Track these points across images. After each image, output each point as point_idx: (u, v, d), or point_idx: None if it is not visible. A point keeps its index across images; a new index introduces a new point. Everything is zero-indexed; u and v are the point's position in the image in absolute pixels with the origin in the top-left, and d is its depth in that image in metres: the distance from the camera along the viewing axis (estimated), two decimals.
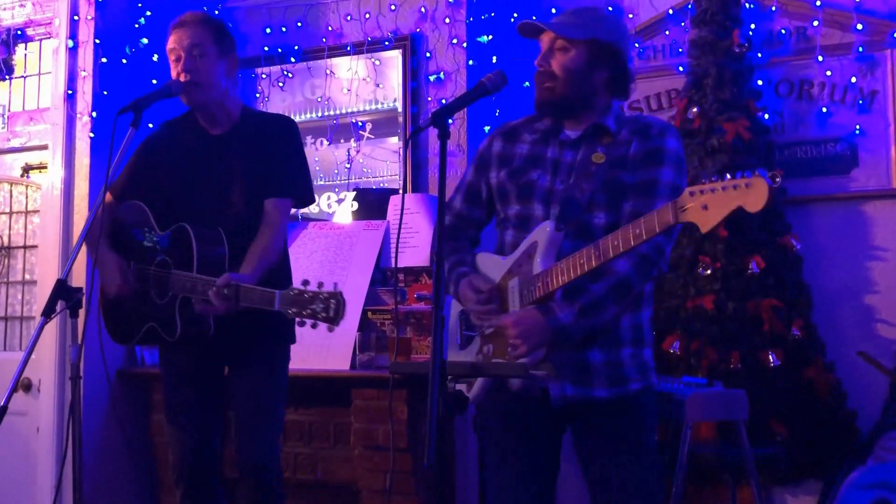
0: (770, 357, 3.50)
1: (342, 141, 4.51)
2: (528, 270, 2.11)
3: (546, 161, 2.24)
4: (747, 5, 3.93)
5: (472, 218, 2.39)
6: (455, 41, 4.20)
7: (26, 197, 4.60)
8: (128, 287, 2.75)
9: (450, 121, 1.96)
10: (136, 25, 4.40)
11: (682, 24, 4.09)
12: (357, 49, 4.42)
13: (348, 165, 4.49)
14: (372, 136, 4.46)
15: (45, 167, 4.35)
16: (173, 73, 2.77)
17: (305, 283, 2.41)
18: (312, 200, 2.95)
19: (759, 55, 3.94)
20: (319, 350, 3.73)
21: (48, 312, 2.36)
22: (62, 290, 2.39)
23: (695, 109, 3.81)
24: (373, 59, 4.43)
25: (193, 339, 2.67)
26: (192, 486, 2.79)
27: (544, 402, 2.19)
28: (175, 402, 2.84)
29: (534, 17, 2.38)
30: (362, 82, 4.47)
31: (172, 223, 2.73)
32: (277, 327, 2.78)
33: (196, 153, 2.83)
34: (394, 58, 4.37)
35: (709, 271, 3.62)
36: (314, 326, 2.39)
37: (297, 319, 2.40)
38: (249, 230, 2.72)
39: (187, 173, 2.82)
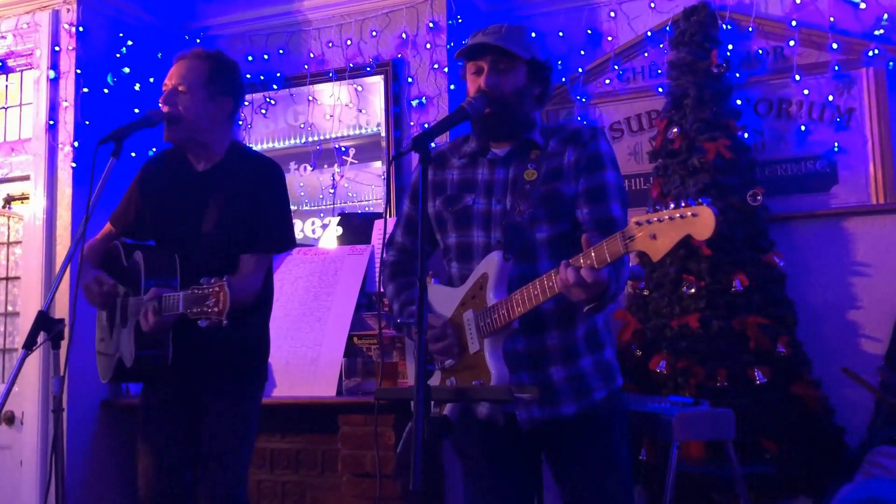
0: (757, 374, 3.50)
1: (326, 166, 4.52)
2: (482, 302, 2.11)
3: (478, 183, 2.26)
4: (725, 26, 3.98)
5: (416, 250, 2.37)
6: (436, 66, 4.23)
7: (8, 228, 4.57)
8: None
9: (432, 145, 1.96)
10: (118, 55, 4.40)
11: (661, 45, 4.14)
12: (339, 75, 4.44)
13: (332, 190, 4.49)
14: (356, 161, 4.47)
15: (27, 198, 4.33)
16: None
17: (202, 281, 2.31)
18: (293, 246, 2.89)
19: (738, 75, 3.99)
20: (306, 377, 3.71)
21: (30, 344, 2.34)
22: (44, 321, 2.38)
23: (675, 130, 3.84)
24: (355, 85, 4.45)
25: (152, 367, 2.60)
26: None
27: (512, 427, 2.19)
28: (148, 429, 2.76)
29: (463, 42, 2.34)
30: (345, 108, 4.48)
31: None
32: (248, 361, 2.74)
33: (177, 187, 2.77)
34: (376, 83, 4.39)
35: (693, 290, 3.63)
36: (214, 322, 2.27)
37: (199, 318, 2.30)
38: (215, 271, 2.55)
39: (165, 207, 2.77)
